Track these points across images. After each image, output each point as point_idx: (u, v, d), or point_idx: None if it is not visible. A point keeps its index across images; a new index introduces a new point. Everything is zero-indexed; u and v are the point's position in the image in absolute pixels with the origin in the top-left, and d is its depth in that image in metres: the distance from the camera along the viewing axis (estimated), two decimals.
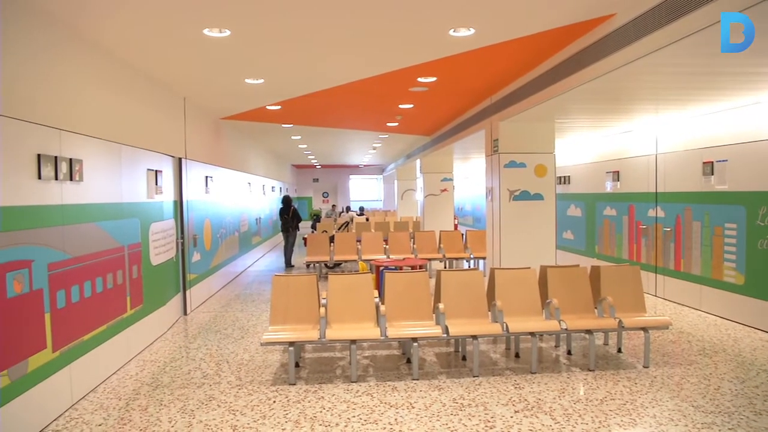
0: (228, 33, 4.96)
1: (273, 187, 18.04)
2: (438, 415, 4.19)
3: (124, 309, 5.58)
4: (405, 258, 9.65)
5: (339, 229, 14.34)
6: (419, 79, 7.13)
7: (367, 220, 17.53)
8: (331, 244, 11.25)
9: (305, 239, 12.10)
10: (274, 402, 4.52)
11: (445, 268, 10.75)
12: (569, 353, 5.73)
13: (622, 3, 4.46)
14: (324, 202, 29.69)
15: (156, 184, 6.60)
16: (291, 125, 11.53)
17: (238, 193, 12.09)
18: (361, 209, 23.03)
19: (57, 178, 4.27)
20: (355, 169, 29.28)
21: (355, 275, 5.68)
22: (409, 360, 5.40)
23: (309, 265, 12.40)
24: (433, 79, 7.12)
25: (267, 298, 8.93)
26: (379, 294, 5.85)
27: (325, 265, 11.61)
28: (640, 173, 9.08)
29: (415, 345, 5.07)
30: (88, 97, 4.98)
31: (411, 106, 9.24)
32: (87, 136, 4.86)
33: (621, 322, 5.29)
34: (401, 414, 4.23)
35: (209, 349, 6.13)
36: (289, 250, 13.08)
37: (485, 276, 5.97)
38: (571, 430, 3.92)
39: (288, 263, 13.05)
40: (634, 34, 4.40)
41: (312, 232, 14.81)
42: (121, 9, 4.36)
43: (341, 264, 12.06)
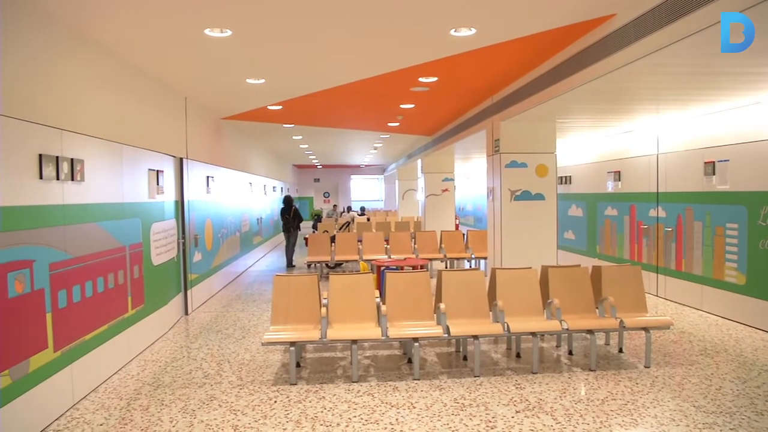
0: (229, 33, 4.97)
1: (274, 187, 18.04)
2: (439, 415, 4.20)
3: (125, 309, 5.59)
4: (406, 258, 9.65)
5: (340, 229, 14.35)
6: (420, 79, 7.13)
7: (368, 220, 17.52)
8: (332, 244, 11.26)
9: (306, 239, 12.11)
10: (275, 402, 4.53)
11: (446, 268, 10.74)
12: (570, 353, 5.73)
13: (622, 3, 4.46)
14: (325, 202, 29.69)
15: (157, 184, 6.60)
16: (292, 125, 11.54)
17: (239, 193, 12.10)
18: (362, 209, 23.04)
19: (58, 178, 4.28)
20: (357, 169, 29.27)
21: (356, 275, 5.68)
22: (410, 360, 5.41)
23: (310, 265, 12.41)
24: (434, 79, 7.12)
25: (268, 298, 8.93)
26: (380, 294, 5.86)
27: (326, 265, 11.62)
28: (641, 173, 9.07)
29: (416, 345, 5.07)
30: (89, 97, 4.99)
31: (412, 106, 9.24)
32: (88, 136, 4.86)
33: (622, 322, 5.29)
34: (402, 414, 4.24)
35: (210, 349, 6.14)
36: (291, 250, 13.09)
37: (486, 276, 5.97)
38: (573, 430, 3.92)
39: (289, 263, 13.05)
40: (634, 34, 4.40)
41: (313, 232, 14.82)
42: (122, 9, 4.36)
43: (342, 264, 12.07)
